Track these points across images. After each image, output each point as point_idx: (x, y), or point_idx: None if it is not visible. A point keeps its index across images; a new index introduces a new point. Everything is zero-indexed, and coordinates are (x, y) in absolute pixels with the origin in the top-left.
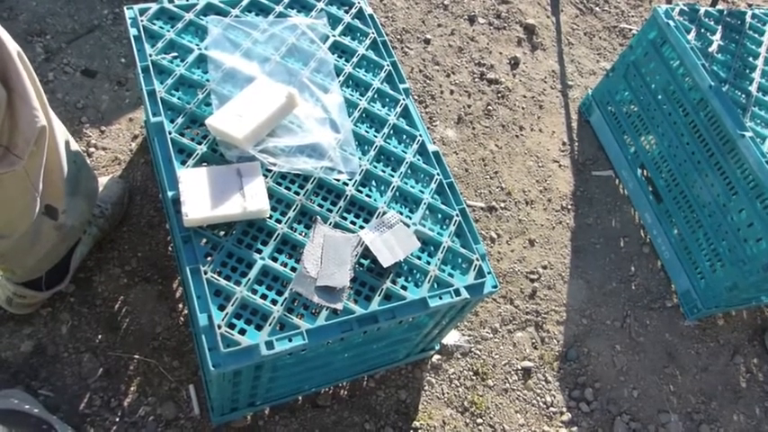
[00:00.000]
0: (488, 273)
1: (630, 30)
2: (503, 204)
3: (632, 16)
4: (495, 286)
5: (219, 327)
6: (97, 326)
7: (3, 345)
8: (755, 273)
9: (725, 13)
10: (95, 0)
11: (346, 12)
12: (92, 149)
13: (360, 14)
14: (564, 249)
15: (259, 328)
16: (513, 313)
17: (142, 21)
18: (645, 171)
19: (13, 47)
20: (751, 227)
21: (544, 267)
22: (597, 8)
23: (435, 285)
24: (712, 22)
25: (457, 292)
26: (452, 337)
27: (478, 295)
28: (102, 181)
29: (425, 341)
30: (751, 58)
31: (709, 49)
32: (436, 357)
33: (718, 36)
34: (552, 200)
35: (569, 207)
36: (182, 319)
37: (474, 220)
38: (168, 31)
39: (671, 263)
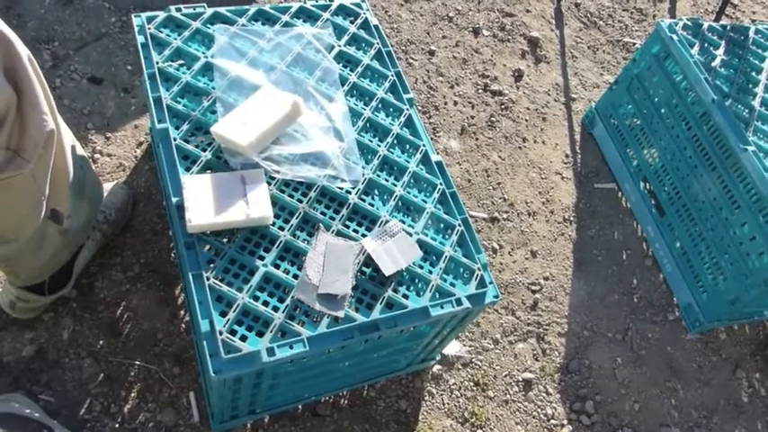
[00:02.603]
0: (490, 283)
1: (634, 44)
2: (505, 215)
3: (636, 30)
4: (497, 296)
5: (221, 333)
6: (99, 331)
7: (5, 349)
8: (757, 287)
9: (728, 28)
10: (103, 8)
11: (352, 22)
12: (97, 156)
13: (365, 25)
14: (566, 261)
15: (260, 334)
16: (515, 324)
17: (149, 29)
18: (647, 184)
19: (24, 51)
20: (753, 241)
21: (546, 279)
22: (601, 22)
23: (437, 294)
24: (716, 37)
25: (458, 302)
26: (453, 348)
27: (480, 305)
28: (107, 187)
29: (426, 351)
30: (754, 73)
31: (713, 64)
32: (437, 367)
33: (721, 51)
34: (555, 211)
35: (571, 219)
36: (183, 325)
37: (476, 231)
38: (175, 39)
39: (673, 276)
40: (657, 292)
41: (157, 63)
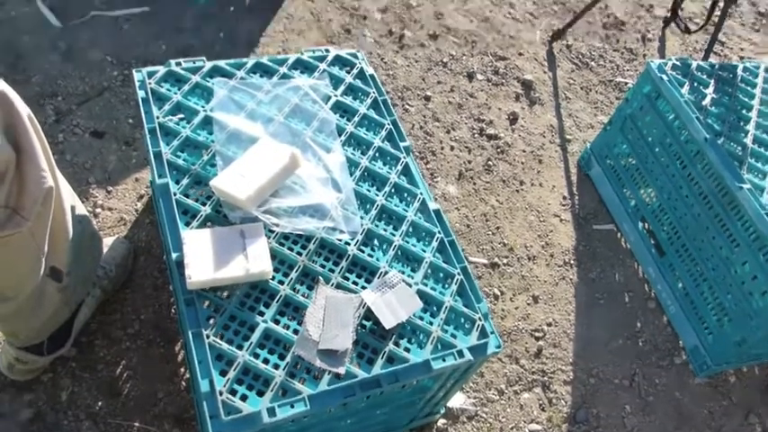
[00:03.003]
0: (491, 332)
1: (626, 83)
2: (505, 260)
3: (627, 70)
4: (499, 346)
5: (221, 393)
6: (98, 392)
7: (2, 412)
8: (763, 327)
9: (717, 66)
10: (105, 62)
11: (348, 72)
12: (98, 210)
13: (361, 75)
14: (568, 306)
15: (261, 393)
16: (519, 373)
17: (150, 84)
18: (646, 224)
19: (24, 110)
20: (755, 280)
21: (549, 325)
22: (593, 63)
23: (438, 346)
24: (705, 76)
25: (460, 354)
26: (458, 400)
27: (482, 356)
28: (107, 242)
29: (430, 405)
30: (744, 111)
31: (703, 103)
32: (441, 422)
33: (711, 89)
34: (554, 255)
35: (572, 262)
36: (183, 383)
37: (477, 277)
38: (175, 93)
39: (677, 318)
40: (662, 335)
41: (158, 118)
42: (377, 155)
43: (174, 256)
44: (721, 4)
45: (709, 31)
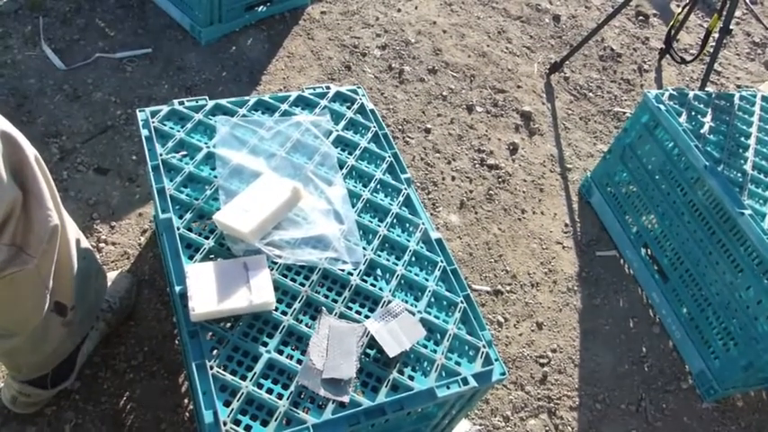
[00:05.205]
0: (496, 360)
1: (624, 113)
2: (508, 287)
3: (625, 100)
4: (504, 374)
5: (225, 423)
6: (101, 424)
7: None
8: None
9: (714, 95)
10: (109, 102)
11: (348, 108)
12: (101, 245)
13: (361, 110)
14: (573, 332)
15: (265, 423)
16: (525, 400)
17: (153, 122)
18: (648, 250)
19: (31, 151)
20: (760, 304)
21: (554, 351)
22: (591, 93)
23: (443, 374)
24: (702, 105)
25: (464, 381)
26: (463, 427)
27: (486, 383)
28: (111, 276)
29: None
30: (743, 138)
31: (702, 131)
32: None
33: (708, 118)
34: (558, 282)
35: (575, 288)
36: (187, 414)
37: (480, 305)
38: (178, 131)
39: (682, 343)
40: (668, 360)
41: (161, 155)
42: (378, 187)
43: (177, 288)
44: (716, 35)
45: (705, 61)
